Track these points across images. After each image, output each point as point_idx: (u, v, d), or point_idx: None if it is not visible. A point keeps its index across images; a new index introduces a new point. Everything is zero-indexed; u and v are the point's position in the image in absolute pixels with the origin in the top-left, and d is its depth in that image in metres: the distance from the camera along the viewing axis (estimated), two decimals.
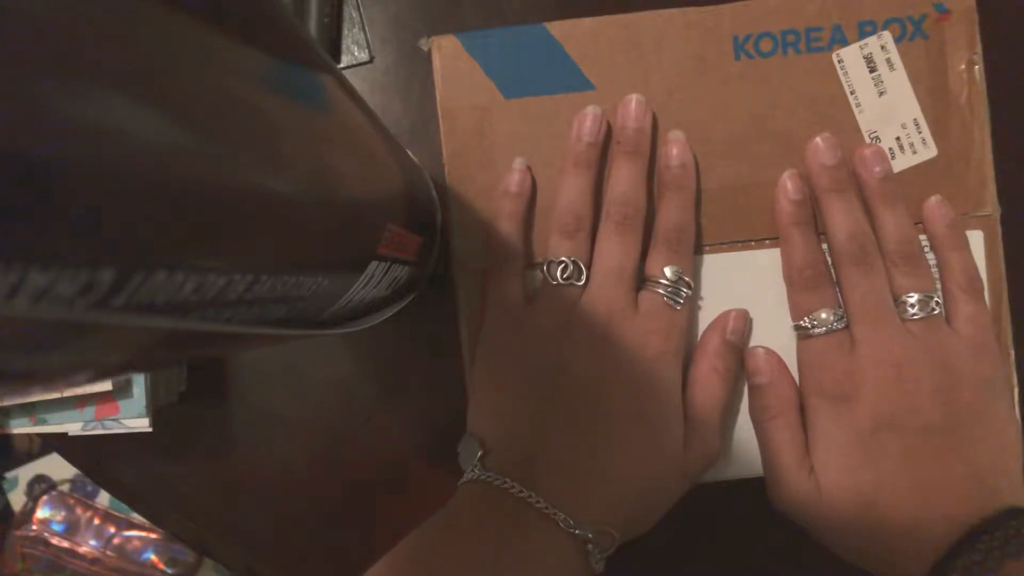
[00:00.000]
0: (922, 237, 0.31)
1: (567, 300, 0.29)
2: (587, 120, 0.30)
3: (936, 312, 0.29)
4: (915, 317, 0.29)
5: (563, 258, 0.29)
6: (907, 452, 0.28)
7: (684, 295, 0.29)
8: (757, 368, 0.31)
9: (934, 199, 0.31)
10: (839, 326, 0.29)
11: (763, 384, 0.31)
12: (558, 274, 0.29)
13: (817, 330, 0.30)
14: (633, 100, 0.30)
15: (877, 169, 0.30)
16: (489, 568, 0.25)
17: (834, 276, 0.30)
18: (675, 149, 0.30)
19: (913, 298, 0.29)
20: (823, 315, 0.29)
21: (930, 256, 0.31)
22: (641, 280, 0.30)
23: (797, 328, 0.30)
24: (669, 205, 0.30)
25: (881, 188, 0.30)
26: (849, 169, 0.30)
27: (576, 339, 0.29)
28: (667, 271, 0.29)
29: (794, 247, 0.30)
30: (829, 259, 0.31)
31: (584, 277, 0.30)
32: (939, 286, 0.30)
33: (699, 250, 0.31)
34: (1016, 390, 0.31)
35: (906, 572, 0.28)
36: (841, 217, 0.30)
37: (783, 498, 0.30)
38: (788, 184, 0.31)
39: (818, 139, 0.30)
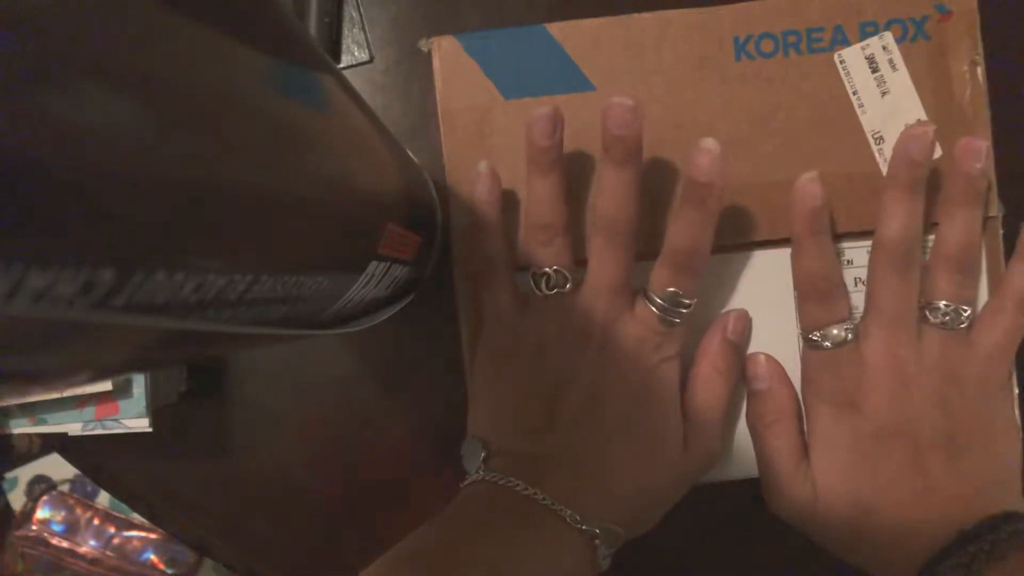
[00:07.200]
0: None
1: (558, 309, 0.29)
2: (539, 123, 0.27)
3: (963, 326, 0.28)
4: (941, 325, 0.28)
5: (545, 268, 0.28)
6: (908, 460, 0.28)
7: (681, 315, 0.28)
8: (757, 374, 0.31)
9: None
10: (850, 338, 0.28)
11: (762, 390, 0.30)
12: (543, 286, 0.29)
13: (826, 343, 0.29)
14: (616, 104, 0.26)
15: (978, 165, 0.28)
16: (497, 563, 0.25)
17: (845, 282, 0.29)
18: (705, 161, 0.26)
19: (950, 307, 0.28)
20: (834, 331, 0.28)
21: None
22: (642, 287, 0.29)
23: (805, 340, 0.30)
24: (684, 224, 0.27)
25: (969, 188, 0.28)
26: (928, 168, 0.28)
27: (572, 348, 0.29)
28: (667, 292, 0.28)
29: (808, 255, 0.28)
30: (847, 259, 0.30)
31: (569, 282, 0.28)
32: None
33: None
34: (1016, 391, 0.31)
35: (898, 572, 0.28)
36: (904, 219, 0.28)
37: (779, 504, 0.30)
38: (809, 188, 0.28)
39: (914, 128, 0.28)
